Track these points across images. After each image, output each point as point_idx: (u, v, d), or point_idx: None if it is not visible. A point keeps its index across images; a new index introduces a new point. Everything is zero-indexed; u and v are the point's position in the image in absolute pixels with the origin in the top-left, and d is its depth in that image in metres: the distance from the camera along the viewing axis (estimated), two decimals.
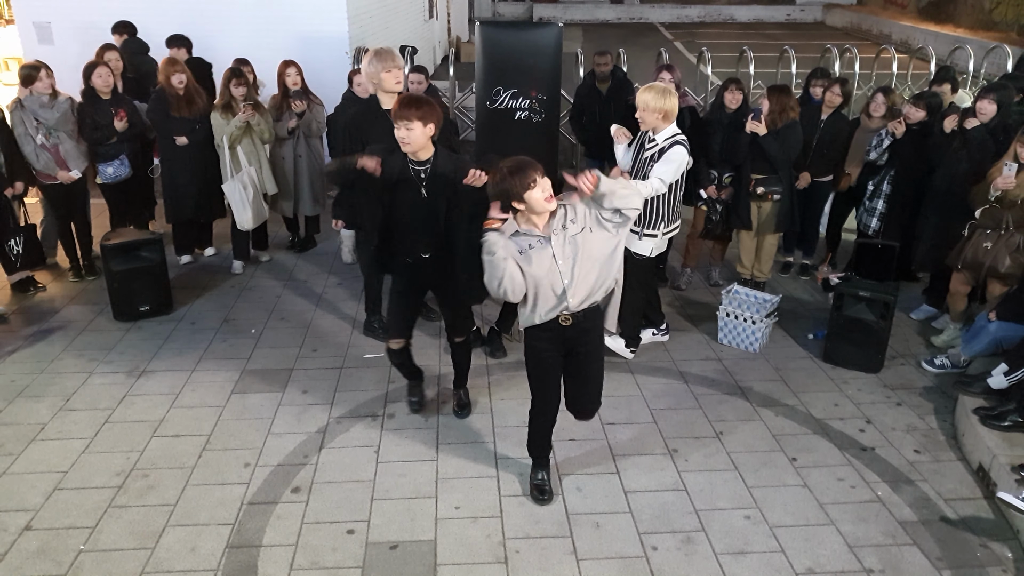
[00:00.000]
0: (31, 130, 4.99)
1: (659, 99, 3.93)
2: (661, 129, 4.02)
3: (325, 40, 7.55)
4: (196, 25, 7.39)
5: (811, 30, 21.14)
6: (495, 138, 5.38)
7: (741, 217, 5.03)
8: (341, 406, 4.03)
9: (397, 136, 3.25)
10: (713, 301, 5.13)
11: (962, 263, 4.33)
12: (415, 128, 3.22)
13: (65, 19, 7.52)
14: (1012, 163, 4.03)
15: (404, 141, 3.24)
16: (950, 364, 4.37)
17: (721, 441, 3.76)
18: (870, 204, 5.14)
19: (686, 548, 3.06)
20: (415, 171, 3.34)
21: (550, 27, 5.31)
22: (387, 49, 4.12)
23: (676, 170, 4.01)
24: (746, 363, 4.52)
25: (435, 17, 13.84)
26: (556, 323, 2.99)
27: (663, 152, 4.00)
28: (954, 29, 16.41)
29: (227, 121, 5.27)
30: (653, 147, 4.05)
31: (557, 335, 3.02)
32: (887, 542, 3.10)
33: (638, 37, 18.78)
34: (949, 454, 3.68)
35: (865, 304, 4.38)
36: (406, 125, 3.21)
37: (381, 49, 4.10)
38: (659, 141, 4.03)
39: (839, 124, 5.27)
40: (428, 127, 3.25)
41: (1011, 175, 4.03)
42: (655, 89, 3.98)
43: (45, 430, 3.80)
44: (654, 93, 3.95)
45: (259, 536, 3.11)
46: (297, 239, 6.17)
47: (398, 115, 3.21)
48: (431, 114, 3.25)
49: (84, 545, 3.05)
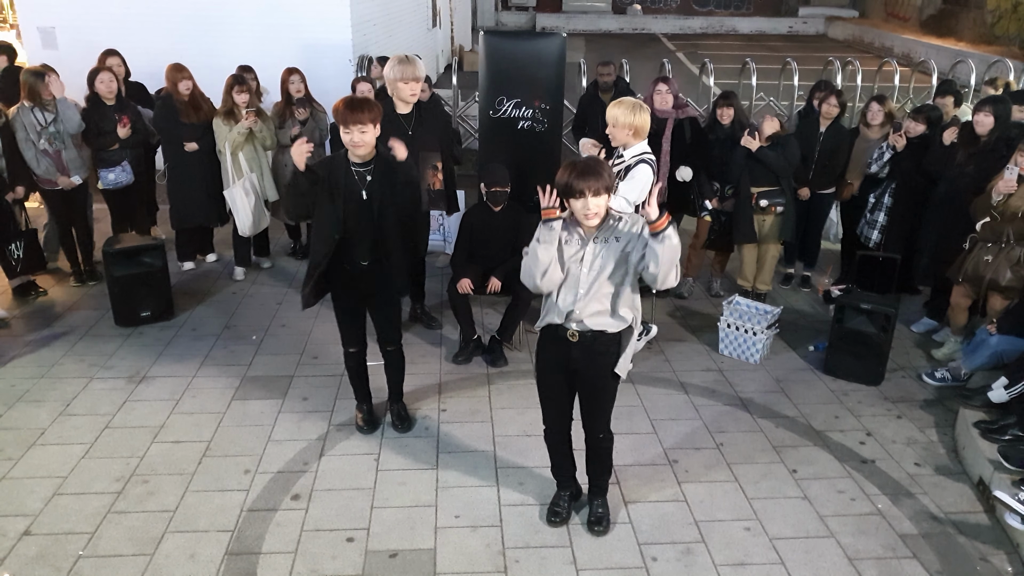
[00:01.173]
0: (33, 135, 5.01)
1: (629, 115, 3.85)
2: (631, 145, 3.95)
3: (329, 48, 7.59)
4: (200, 32, 7.45)
5: (813, 42, 21.23)
6: (498, 147, 5.39)
7: (743, 232, 5.03)
8: (342, 413, 4.02)
9: (349, 140, 3.24)
10: (714, 312, 5.13)
11: (963, 277, 4.34)
12: (369, 131, 3.23)
13: (69, 24, 7.56)
14: (1014, 167, 4.05)
15: (357, 145, 3.24)
16: (951, 377, 4.37)
17: (721, 452, 3.76)
18: (871, 217, 5.15)
19: (686, 559, 3.06)
20: (358, 174, 3.34)
21: (553, 37, 5.34)
22: (410, 59, 4.10)
23: (641, 189, 3.90)
24: (747, 374, 4.52)
25: (438, 26, 13.91)
26: (564, 337, 2.90)
27: (629, 170, 3.94)
28: (956, 43, 16.48)
29: (229, 128, 5.29)
30: (620, 164, 3.98)
31: (564, 350, 2.93)
32: (887, 555, 3.10)
33: (641, 48, 18.87)
34: (949, 467, 3.68)
35: (866, 316, 4.38)
36: (360, 129, 3.20)
37: (405, 57, 4.08)
38: (627, 158, 3.97)
39: (839, 135, 5.29)
40: (376, 128, 3.28)
41: (1012, 179, 4.04)
42: (625, 104, 3.89)
43: (45, 435, 3.79)
44: (624, 108, 3.86)
45: (259, 543, 3.10)
46: (299, 246, 6.18)
47: (350, 119, 3.18)
48: (379, 115, 3.29)
49: (83, 551, 3.04)
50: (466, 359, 4.55)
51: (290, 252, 6.20)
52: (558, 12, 23.51)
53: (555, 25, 21.76)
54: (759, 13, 24.16)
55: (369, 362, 3.88)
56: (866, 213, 5.20)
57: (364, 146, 3.27)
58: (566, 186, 2.71)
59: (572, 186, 2.69)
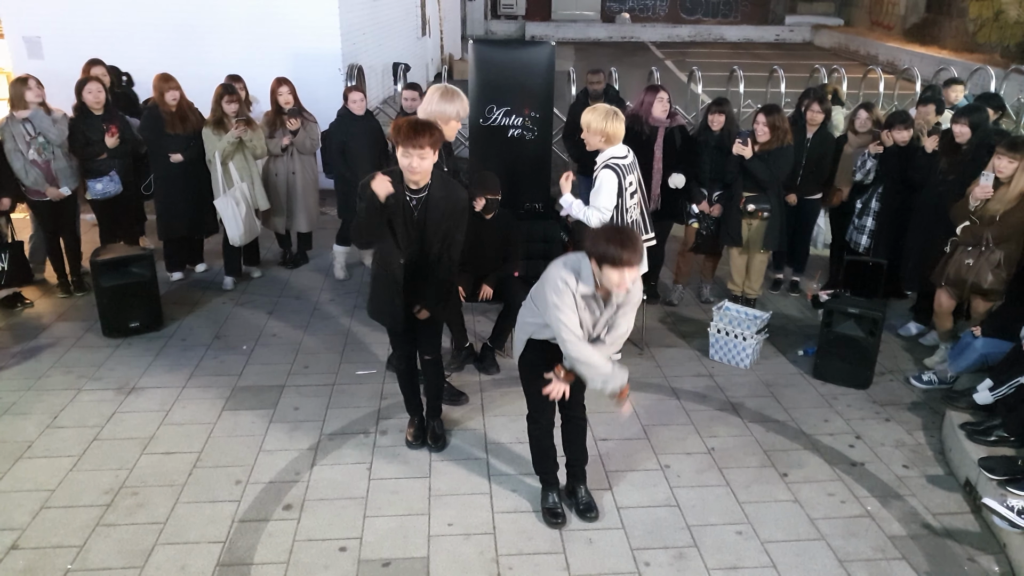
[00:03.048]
0: (22, 145, 4.98)
1: (601, 120, 3.86)
2: (603, 151, 3.98)
3: (319, 57, 7.60)
4: (189, 41, 7.44)
5: (800, 50, 21.46)
6: (488, 155, 5.42)
7: (731, 235, 5.08)
8: (333, 423, 4.01)
9: (407, 165, 3.08)
10: (704, 318, 5.16)
11: (945, 280, 4.39)
12: (428, 157, 3.07)
13: (56, 33, 7.53)
14: (989, 173, 4.11)
15: (415, 171, 3.09)
16: (937, 380, 4.41)
17: (713, 457, 3.78)
18: (860, 222, 5.21)
19: (678, 564, 3.07)
20: (411, 198, 3.23)
21: (543, 46, 5.38)
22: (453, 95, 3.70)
23: (608, 193, 3.93)
24: (737, 379, 4.54)
25: (428, 35, 13.95)
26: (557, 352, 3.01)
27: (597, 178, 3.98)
28: (939, 51, 16.71)
29: (219, 137, 5.28)
30: (596, 170, 4.02)
31: (556, 355, 3.04)
32: (876, 557, 3.12)
33: (630, 56, 18.99)
34: (937, 469, 3.72)
35: (854, 321, 4.42)
36: (420, 154, 3.04)
37: (447, 91, 3.74)
38: (598, 164, 4.00)
39: (825, 141, 5.35)
40: (435, 155, 3.11)
41: (988, 184, 4.10)
42: (599, 110, 3.91)
43: (32, 448, 3.76)
44: (597, 114, 3.89)
45: (250, 554, 3.09)
46: (289, 255, 6.17)
47: (411, 142, 3.01)
48: (440, 141, 3.12)
49: (72, 564, 3.01)
50: (458, 367, 4.55)
51: (280, 262, 6.18)
52: (547, 21, 23.64)
53: (544, 34, 21.89)
54: (746, 21, 24.39)
55: (359, 371, 3.88)
56: (854, 219, 5.25)
57: (421, 174, 3.12)
58: (606, 253, 2.67)
59: (618, 257, 2.65)
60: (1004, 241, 4.14)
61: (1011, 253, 4.15)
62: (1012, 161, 4.03)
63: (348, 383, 4.41)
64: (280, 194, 5.75)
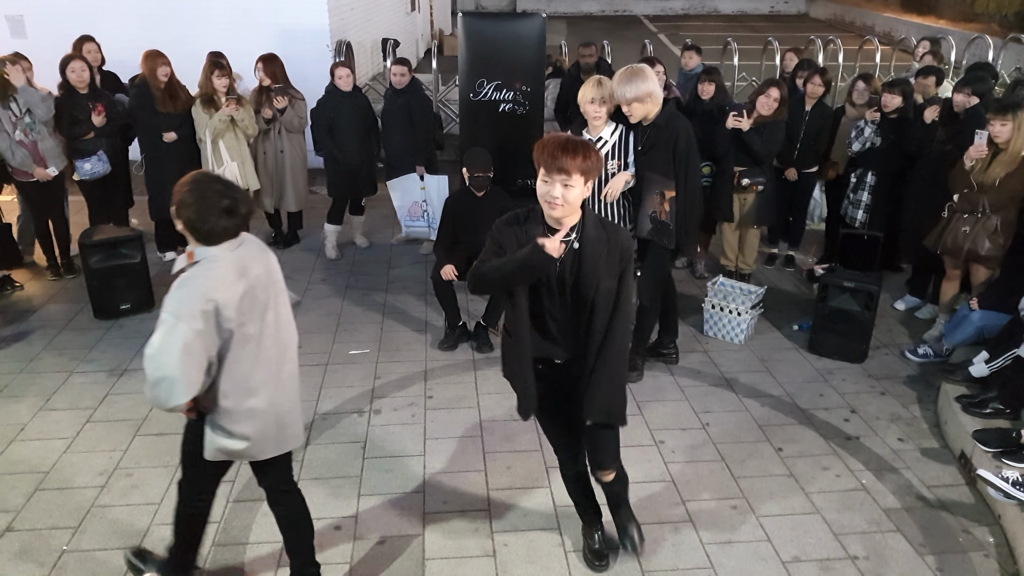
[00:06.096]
0: (7, 125, 4.89)
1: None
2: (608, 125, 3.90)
3: (305, 33, 7.47)
4: (173, 18, 7.31)
5: (795, 22, 21.24)
6: (479, 130, 5.35)
7: (723, 210, 5.03)
8: (327, 402, 4.00)
9: (546, 193, 2.29)
10: (699, 293, 5.14)
11: (941, 248, 4.37)
12: (577, 186, 2.28)
13: (38, 11, 7.38)
14: (983, 132, 4.07)
15: (556, 203, 2.28)
16: (933, 353, 4.41)
17: (707, 432, 3.78)
18: (855, 196, 5.17)
19: (673, 538, 3.08)
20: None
21: (534, 18, 5.29)
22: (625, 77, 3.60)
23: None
24: (732, 354, 4.54)
25: (417, 9, 13.73)
26: None
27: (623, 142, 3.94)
28: (936, 20, 16.55)
29: (209, 115, 5.19)
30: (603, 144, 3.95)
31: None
32: (871, 529, 3.13)
33: (622, 30, 18.77)
34: (932, 442, 3.72)
35: (849, 295, 4.41)
36: (564, 181, 2.26)
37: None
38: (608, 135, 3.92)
39: (823, 114, 5.29)
40: (587, 187, 2.33)
41: (982, 143, 4.07)
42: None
43: (25, 430, 3.74)
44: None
45: (245, 534, 3.08)
46: (280, 235, 6.11)
47: (554, 164, 2.25)
48: (597, 168, 2.33)
49: (67, 545, 3.01)
50: (451, 345, 4.53)
51: (271, 241, 6.12)
52: None
53: (536, 7, 21.58)
54: None
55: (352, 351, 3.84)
56: (849, 193, 5.21)
57: (566, 207, 2.30)
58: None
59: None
60: (1001, 208, 4.12)
61: (1008, 219, 4.13)
62: (1005, 123, 3.99)
63: (341, 363, 4.39)
64: (269, 173, 5.68)
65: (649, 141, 3.80)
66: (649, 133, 3.79)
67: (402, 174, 5.62)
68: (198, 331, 2.17)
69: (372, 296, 5.26)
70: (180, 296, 2.20)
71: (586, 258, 2.38)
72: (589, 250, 2.38)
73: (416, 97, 5.59)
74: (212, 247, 2.27)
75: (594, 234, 2.39)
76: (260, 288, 2.33)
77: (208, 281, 2.21)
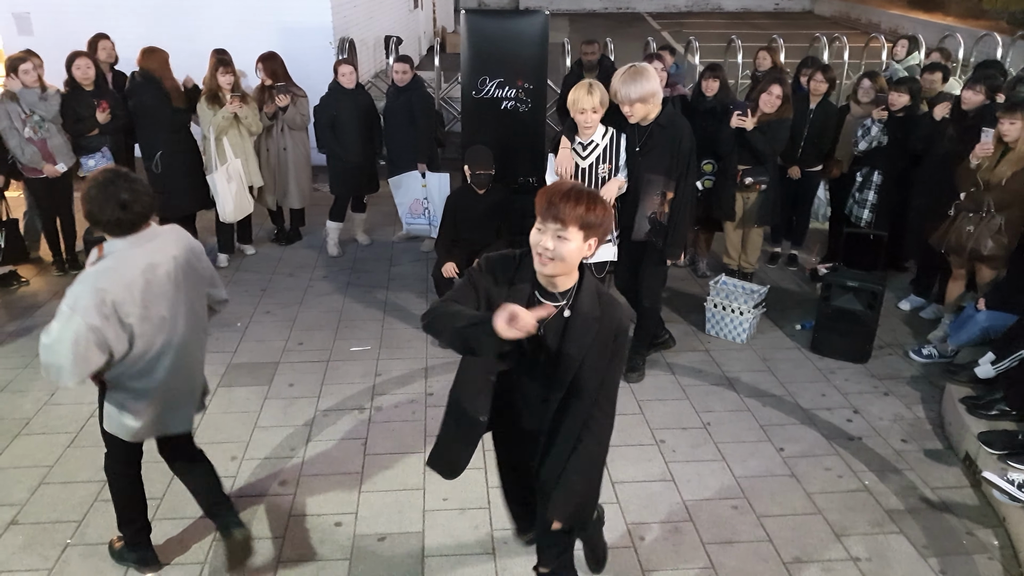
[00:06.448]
0: (17, 123, 4.92)
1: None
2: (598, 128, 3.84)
3: (308, 30, 7.48)
4: (176, 15, 7.31)
5: (799, 19, 21.15)
6: (481, 128, 5.34)
7: (725, 209, 5.00)
8: (328, 399, 4.00)
9: (538, 244, 1.94)
10: (700, 292, 5.13)
11: (945, 247, 4.35)
12: (572, 239, 1.91)
13: (45, 9, 7.40)
14: (989, 130, 4.05)
15: (546, 257, 1.93)
16: (937, 354, 4.39)
17: (708, 432, 3.77)
18: (860, 196, 5.13)
19: (674, 538, 3.07)
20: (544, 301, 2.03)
21: (536, 15, 5.26)
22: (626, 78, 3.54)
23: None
24: (733, 354, 4.52)
25: (420, 7, 13.72)
26: None
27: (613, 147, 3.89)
28: (943, 17, 16.46)
29: (213, 112, 5.20)
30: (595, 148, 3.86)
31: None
32: (874, 531, 3.12)
33: (625, 27, 18.72)
34: (936, 443, 3.71)
35: (853, 294, 4.39)
36: (558, 231, 1.90)
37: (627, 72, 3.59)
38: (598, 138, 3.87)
39: (828, 112, 5.27)
40: (588, 244, 1.94)
41: (988, 141, 4.04)
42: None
43: (30, 425, 3.76)
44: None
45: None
46: (282, 232, 6.12)
47: (549, 212, 1.91)
48: (603, 225, 1.94)
49: (71, 539, 3.02)
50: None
51: (273, 238, 6.14)
52: None
53: (538, 4, 21.52)
54: None
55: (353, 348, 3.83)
56: (854, 193, 5.18)
57: (557, 264, 1.93)
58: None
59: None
60: (1006, 207, 4.09)
61: (1012, 219, 4.10)
62: (1014, 122, 3.97)
63: (342, 359, 4.39)
64: (272, 170, 5.69)
65: (651, 141, 3.76)
66: (651, 133, 3.76)
67: (404, 172, 5.62)
68: (92, 326, 2.28)
69: (373, 293, 5.27)
70: (78, 291, 2.31)
71: (574, 332, 2.01)
72: (579, 324, 2.01)
73: (418, 95, 5.59)
74: (120, 241, 2.39)
75: (588, 307, 2.01)
76: (169, 281, 2.46)
77: (106, 279, 2.33)
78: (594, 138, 3.82)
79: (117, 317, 2.33)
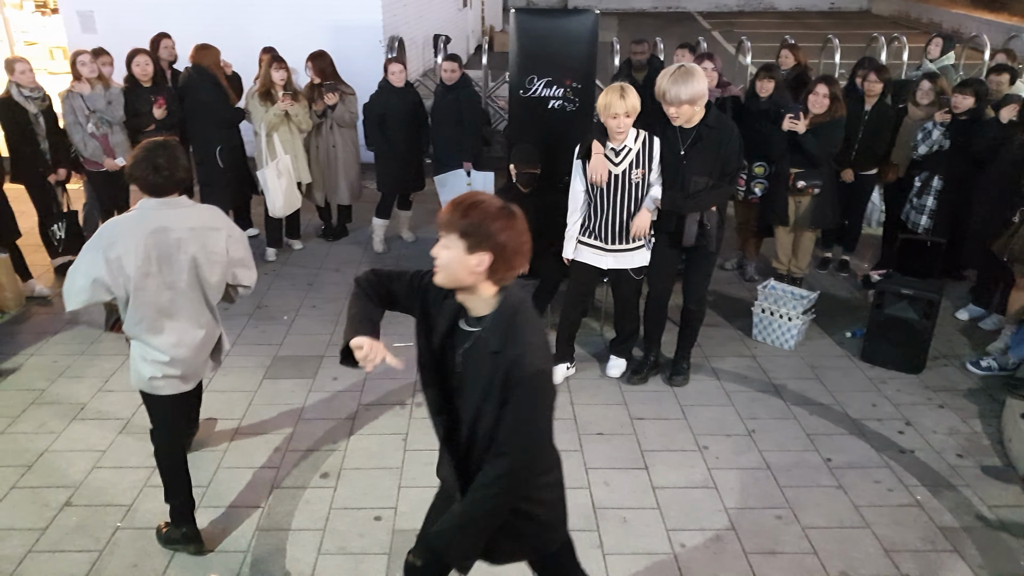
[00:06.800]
0: (81, 119, 5.11)
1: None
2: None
3: (359, 29, 7.58)
4: (229, 14, 7.49)
5: (856, 19, 20.54)
6: (528, 127, 5.31)
7: (778, 213, 4.89)
8: (370, 394, 4.05)
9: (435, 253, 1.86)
10: (748, 296, 5.02)
11: (1009, 255, 4.16)
12: (451, 247, 1.79)
13: (108, 8, 7.66)
14: None
15: (436, 267, 1.85)
16: (997, 366, 4.21)
17: (753, 439, 3.69)
18: (919, 201, 4.94)
19: (715, 546, 3.01)
20: (462, 332, 1.91)
21: (586, 14, 5.22)
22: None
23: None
24: (780, 360, 4.42)
25: (469, 6, 13.78)
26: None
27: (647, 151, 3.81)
28: (1009, 17, 15.77)
29: (266, 109, 5.31)
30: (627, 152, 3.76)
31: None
32: (926, 548, 3.01)
33: (674, 26, 18.47)
34: (994, 459, 3.55)
35: (907, 302, 4.24)
36: (443, 240, 1.82)
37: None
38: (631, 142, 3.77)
39: (884, 114, 5.09)
40: (476, 257, 1.77)
41: None
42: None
43: (85, 410, 3.89)
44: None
45: (288, 520, 3.14)
46: (329, 227, 6.21)
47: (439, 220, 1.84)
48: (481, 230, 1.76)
49: (121, 522, 3.12)
50: None
51: (320, 234, 6.24)
52: None
53: (587, 3, 21.42)
54: None
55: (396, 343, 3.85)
56: (912, 198, 5.00)
57: (443, 274, 1.83)
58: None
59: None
60: None
61: None
62: None
63: None
64: (320, 167, 5.78)
65: (700, 143, 3.68)
66: (698, 135, 3.68)
67: (449, 170, 5.65)
68: (96, 262, 2.62)
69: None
70: (98, 231, 2.68)
71: (470, 366, 1.85)
72: (476, 358, 1.83)
73: (465, 93, 5.61)
74: (149, 200, 2.69)
75: (491, 341, 1.80)
76: (177, 248, 2.69)
77: (118, 228, 2.66)
78: (627, 143, 3.71)
79: (119, 263, 2.63)
